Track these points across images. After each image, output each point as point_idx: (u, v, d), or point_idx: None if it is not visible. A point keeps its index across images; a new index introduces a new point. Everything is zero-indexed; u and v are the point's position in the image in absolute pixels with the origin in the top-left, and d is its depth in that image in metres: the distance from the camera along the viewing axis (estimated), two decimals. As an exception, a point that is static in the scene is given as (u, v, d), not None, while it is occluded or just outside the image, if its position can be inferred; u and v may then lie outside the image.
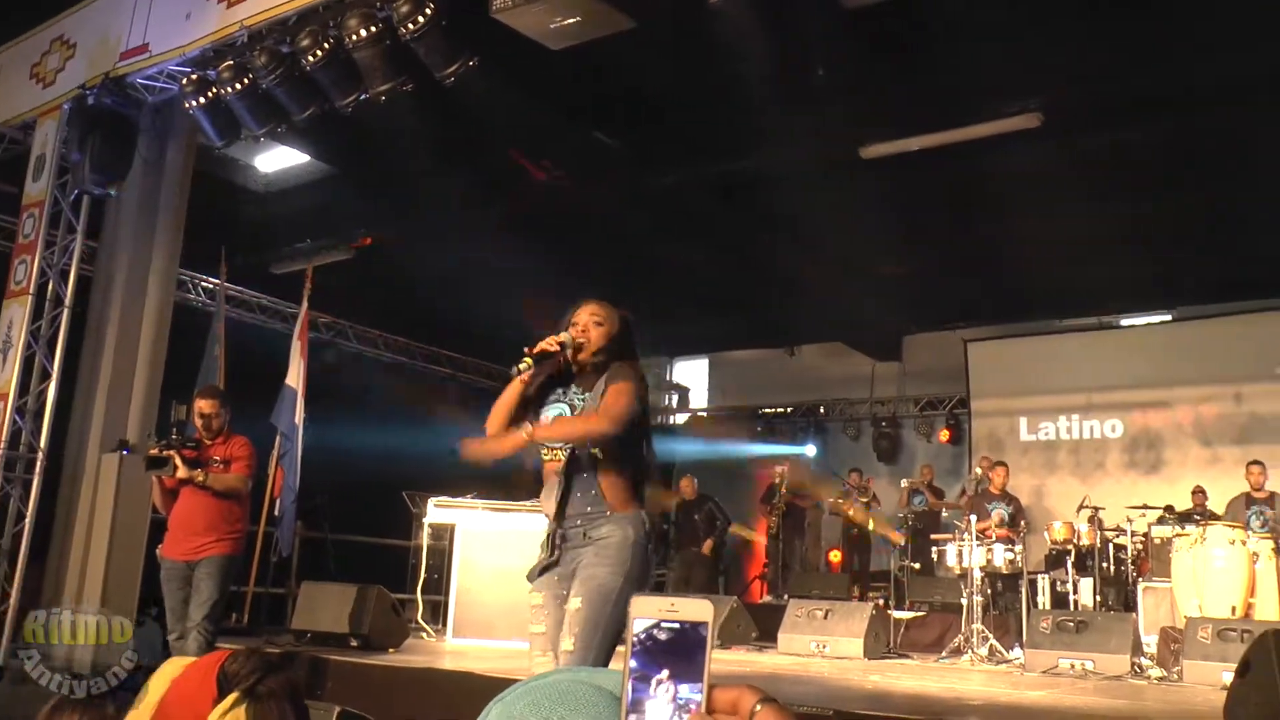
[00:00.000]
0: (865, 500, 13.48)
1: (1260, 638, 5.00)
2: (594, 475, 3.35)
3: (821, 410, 16.57)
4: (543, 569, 3.39)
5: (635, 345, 3.58)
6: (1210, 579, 8.28)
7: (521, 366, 3.40)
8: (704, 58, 7.60)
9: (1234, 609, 8.08)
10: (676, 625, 0.94)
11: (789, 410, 16.79)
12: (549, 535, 3.40)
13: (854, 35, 7.31)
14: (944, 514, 12.70)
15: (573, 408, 3.43)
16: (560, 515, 3.36)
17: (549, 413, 3.45)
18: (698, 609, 0.94)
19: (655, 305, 11.61)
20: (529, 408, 3.47)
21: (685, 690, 0.92)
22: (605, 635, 3.20)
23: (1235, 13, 7.15)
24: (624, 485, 3.38)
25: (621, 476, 3.39)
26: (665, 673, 0.92)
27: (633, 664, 0.93)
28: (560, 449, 3.39)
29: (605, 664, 3.08)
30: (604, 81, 8.74)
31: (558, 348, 3.43)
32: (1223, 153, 9.06)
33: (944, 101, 8.84)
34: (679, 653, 0.93)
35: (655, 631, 0.94)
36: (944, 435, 14.88)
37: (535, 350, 3.41)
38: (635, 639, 0.93)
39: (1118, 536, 9.98)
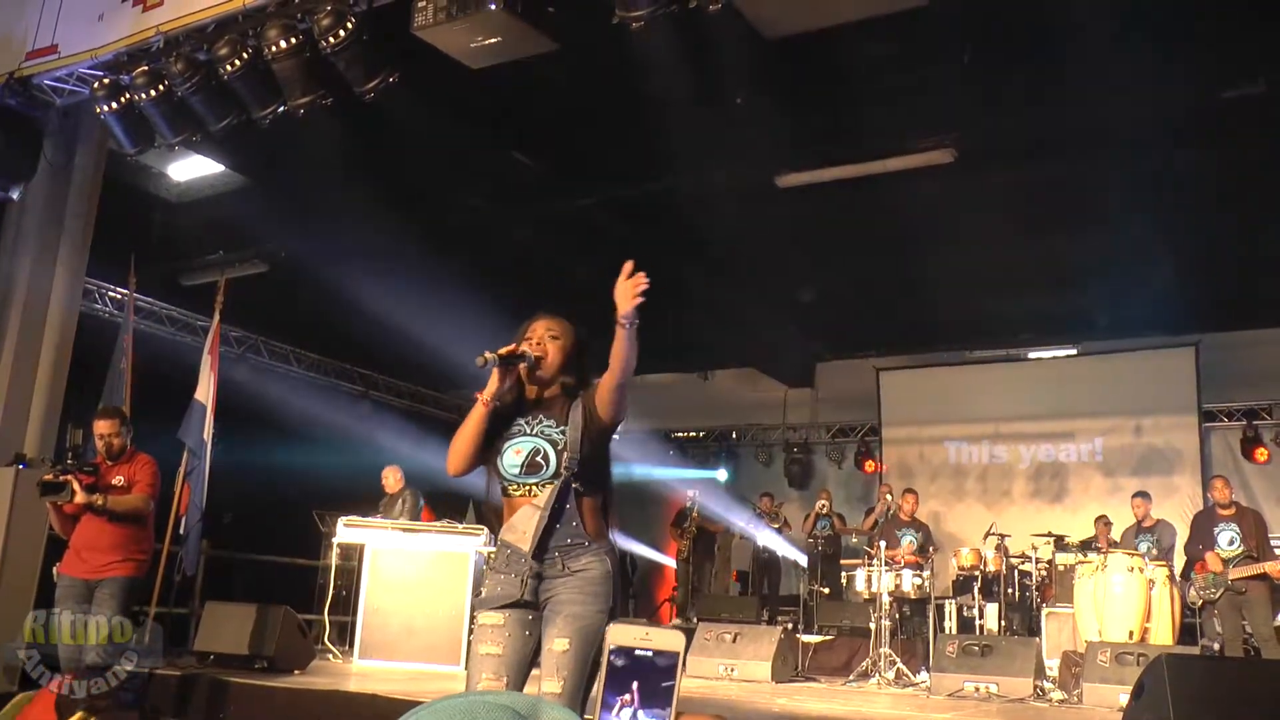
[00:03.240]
0: (776, 525, 13.58)
1: (1154, 661, 5.14)
2: (576, 505, 3.26)
3: (734, 435, 16.65)
4: (508, 604, 3.24)
5: (589, 365, 3.48)
6: (1110, 605, 8.51)
7: (489, 355, 3.23)
8: (624, 80, 7.63)
9: (1131, 634, 8.31)
10: (649, 653, 0.95)
11: (701, 434, 16.85)
12: (520, 573, 3.24)
13: (774, 65, 7.40)
14: (853, 539, 12.84)
15: (552, 442, 3.29)
16: (539, 549, 3.23)
17: (516, 445, 3.31)
18: (670, 639, 0.96)
19: (571, 327, 11.59)
20: (489, 441, 3.33)
21: (649, 716, 0.93)
22: (586, 671, 3.15)
23: (1137, 58, 7.38)
24: (599, 512, 3.32)
25: (597, 503, 3.33)
26: (628, 696, 0.93)
27: (604, 689, 0.94)
28: (536, 483, 3.27)
29: (585, 697, 3.07)
30: (523, 101, 8.73)
31: (519, 351, 3.32)
32: (1129, 191, 9.33)
33: (860, 133, 9.01)
34: (648, 679, 0.94)
35: (627, 659, 0.95)
36: (869, 466, 15.00)
37: (501, 352, 3.27)
38: (610, 665, 0.95)
39: (1023, 563, 10.20)
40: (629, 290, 3.18)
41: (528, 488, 3.28)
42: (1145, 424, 12.95)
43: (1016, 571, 10.20)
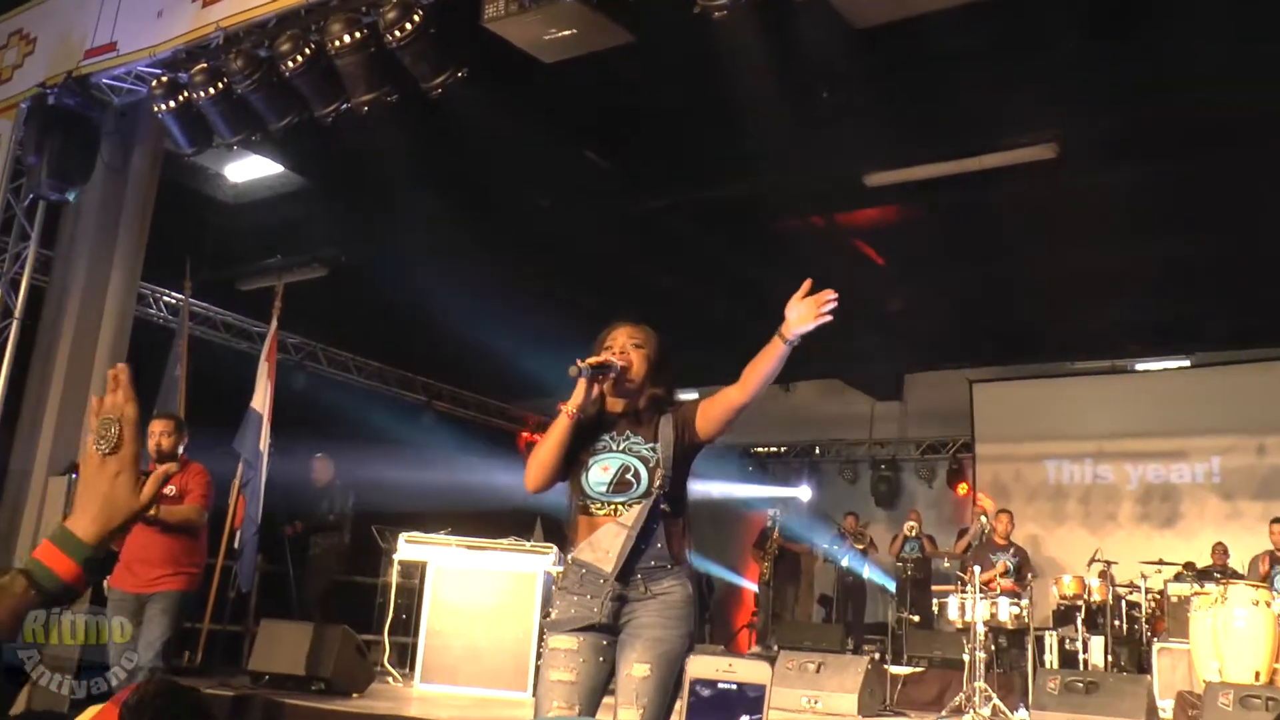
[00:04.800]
0: (861, 547, 13.45)
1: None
2: (661, 526, 3.25)
3: (817, 450, 16.55)
4: (583, 627, 3.22)
5: (673, 376, 3.46)
6: (1231, 641, 8.24)
7: (582, 364, 3.21)
8: (703, 76, 7.62)
9: (1257, 674, 8.03)
10: (733, 686, 0.95)
11: (782, 450, 16.76)
12: (599, 594, 3.21)
13: (862, 56, 7.34)
14: (945, 564, 12.67)
15: (643, 459, 3.28)
16: (623, 571, 3.21)
17: (603, 461, 3.30)
18: (756, 671, 0.96)
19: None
20: (570, 456, 3.31)
21: None
22: (668, 698, 3.15)
23: (1263, 44, 7.19)
24: (682, 534, 3.32)
25: (680, 524, 3.32)
26: None
27: None
28: (623, 502, 3.26)
29: None
30: (597, 98, 8.74)
31: (608, 362, 3.28)
32: (1250, 192, 9.10)
33: (955, 129, 8.87)
34: (733, 713, 0.94)
35: (711, 690, 0.95)
36: (962, 489, 14.81)
37: (591, 361, 3.24)
38: (691, 697, 0.95)
39: (1131, 593, 9.98)
40: (812, 309, 3.19)
41: (613, 506, 3.27)
42: (1269, 443, 12.57)
43: (1124, 602, 9.98)
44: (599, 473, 3.28)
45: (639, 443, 3.31)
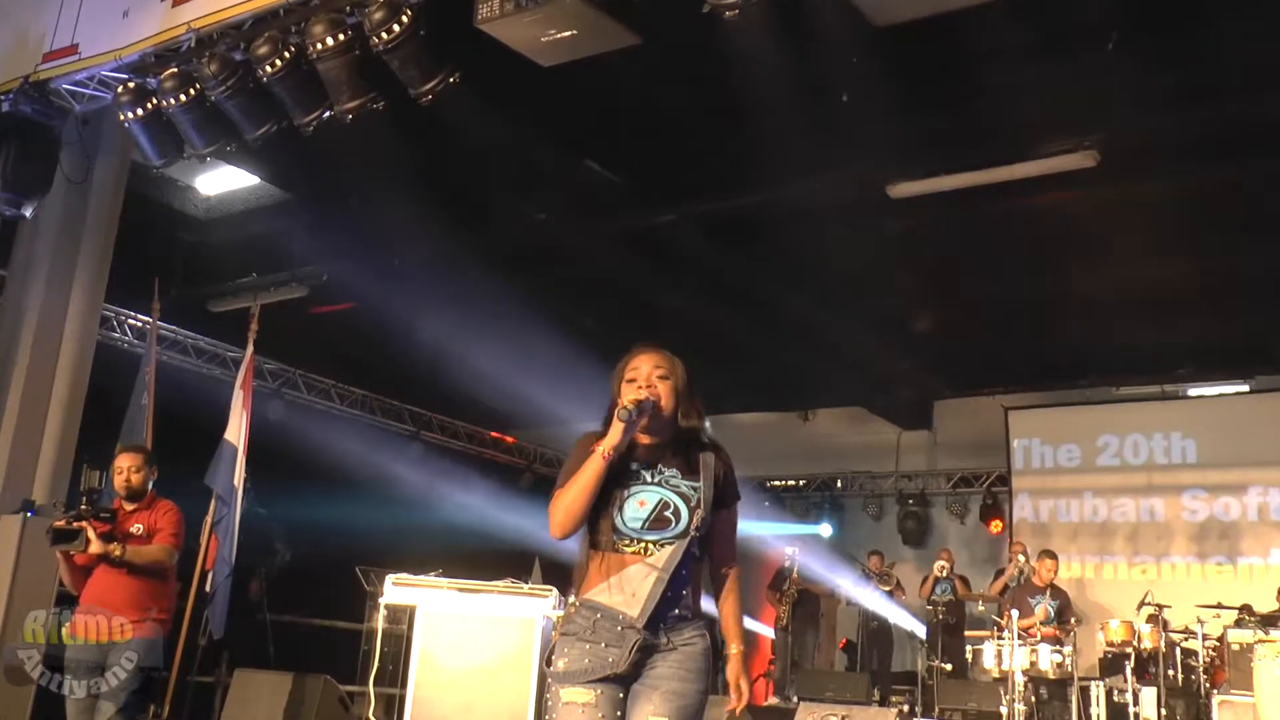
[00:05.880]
0: (888, 589, 13.44)
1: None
2: (689, 572, 3.28)
3: (839, 484, 16.57)
4: (602, 678, 3.22)
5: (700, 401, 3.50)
6: (1304, 695, 8.20)
7: (630, 406, 3.23)
8: (713, 79, 7.66)
9: (1333, 731, 8.01)
10: None
11: (801, 483, 16.78)
12: (623, 643, 3.21)
13: (885, 56, 7.36)
14: (980, 607, 12.65)
15: (683, 496, 3.31)
16: (652, 618, 3.22)
17: (640, 496, 3.30)
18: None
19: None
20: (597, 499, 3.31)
21: None
22: None
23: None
24: (701, 582, 3.37)
25: (702, 570, 3.38)
26: None
27: None
28: (655, 540, 3.27)
29: None
30: (599, 104, 8.78)
31: (649, 400, 3.31)
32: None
33: (985, 135, 8.90)
34: None
35: None
36: (995, 526, 14.79)
37: (630, 402, 3.27)
38: None
39: (1186, 639, 9.91)
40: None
41: (644, 545, 3.28)
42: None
43: (1178, 649, 9.92)
44: (635, 507, 3.29)
45: (675, 477, 3.34)
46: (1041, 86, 8.23)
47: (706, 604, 3.36)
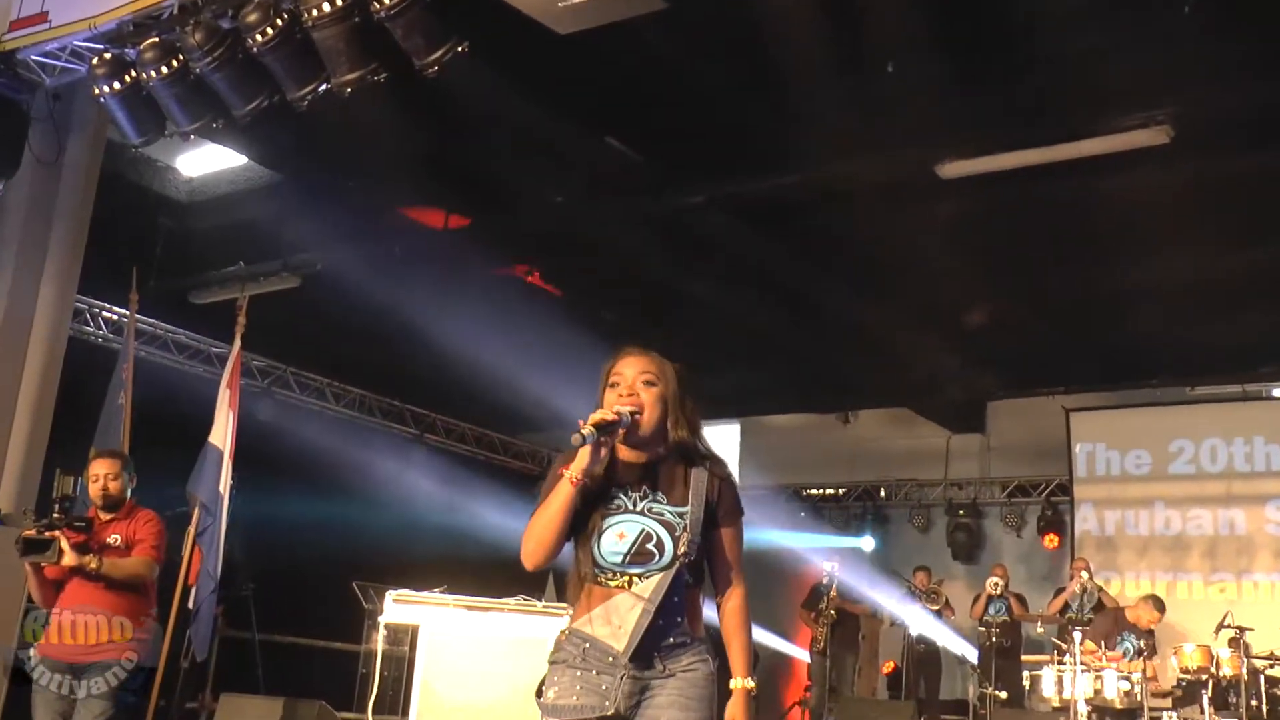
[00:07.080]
0: (936, 608, 13.41)
1: None
2: (682, 599, 3.27)
3: (882, 493, 16.56)
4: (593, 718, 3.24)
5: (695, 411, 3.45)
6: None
7: (586, 433, 3.17)
8: (746, 49, 7.66)
9: None
10: None
11: (841, 492, 16.77)
12: (609, 678, 3.23)
13: (935, 23, 7.35)
14: (1038, 629, 12.61)
15: (667, 525, 3.28)
16: (638, 651, 3.21)
17: (619, 528, 3.27)
18: None
19: (675, 355, 11.60)
20: (577, 519, 3.29)
21: None
22: None
23: None
24: (699, 605, 3.35)
25: (699, 593, 3.36)
26: None
27: None
28: (640, 573, 3.25)
29: None
30: (621, 76, 8.78)
31: (615, 418, 3.26)
32: None
33: (1045, 109, 8.87)
34: None
35: None
36: (1050, 540, 14.75)
37: (594, 421, 3.21)
38: None
39: (1271, 666, 9.86)
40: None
41: (629, 578, 3.27)
42: None
43: (1262, 677, 9.86)
44: (614, 540, 3.27)
45: (659, 501, 3.31)
46: (1107, 54, 8.17)
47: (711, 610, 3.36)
